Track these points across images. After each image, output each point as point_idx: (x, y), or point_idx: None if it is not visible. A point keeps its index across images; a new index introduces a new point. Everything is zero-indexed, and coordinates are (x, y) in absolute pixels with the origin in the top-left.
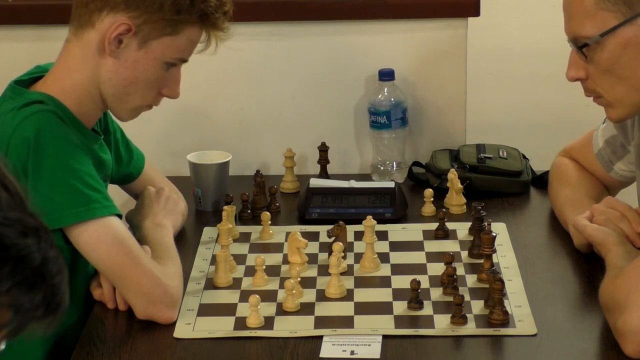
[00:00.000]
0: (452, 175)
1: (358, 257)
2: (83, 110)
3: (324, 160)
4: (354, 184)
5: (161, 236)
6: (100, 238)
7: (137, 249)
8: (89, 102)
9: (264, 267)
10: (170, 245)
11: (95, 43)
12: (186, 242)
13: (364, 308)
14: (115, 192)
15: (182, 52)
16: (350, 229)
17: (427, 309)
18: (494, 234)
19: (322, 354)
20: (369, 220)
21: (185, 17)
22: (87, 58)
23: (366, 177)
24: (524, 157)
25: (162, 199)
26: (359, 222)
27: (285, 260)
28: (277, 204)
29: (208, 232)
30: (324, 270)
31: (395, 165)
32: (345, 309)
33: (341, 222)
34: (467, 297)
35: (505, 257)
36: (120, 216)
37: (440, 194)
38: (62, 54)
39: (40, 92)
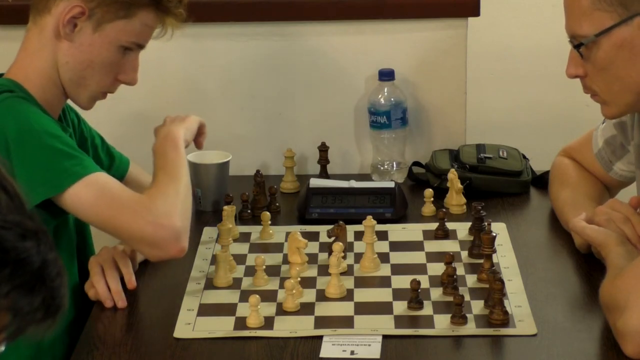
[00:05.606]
0: (452, 175)
1: (358, 257)
2: (48, 97)
3: (324, 160)
4: (354, 184)
5: (164, 150)
6: (91, 194)
7: (125, 196)
8: (52, 88)
9: (264, 267)
10: (171, 160)
11: (52, 27)
12: None
13: (364, 308)
14: None
15: (137, 36)
16: (350, 229)
17: (427, 309)
18: (494, 234)
19: (322, 354)
20: (369, 220)
21: (137, 0)
22: (45, 43)
23: (366, 177)
24: (524, 157)
25: (168, 118)
26: (359, 222)
27: (285, 260)
28: (277, 204)
29: (208, 232)
30: (324, 270)
31: (395, 165)
32: (345, 309)
33: (341, 222)
34: (467, 297)
35: (505, 257)
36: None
37: (440, 194)
38: (23, 42)
39: (6, 78)
